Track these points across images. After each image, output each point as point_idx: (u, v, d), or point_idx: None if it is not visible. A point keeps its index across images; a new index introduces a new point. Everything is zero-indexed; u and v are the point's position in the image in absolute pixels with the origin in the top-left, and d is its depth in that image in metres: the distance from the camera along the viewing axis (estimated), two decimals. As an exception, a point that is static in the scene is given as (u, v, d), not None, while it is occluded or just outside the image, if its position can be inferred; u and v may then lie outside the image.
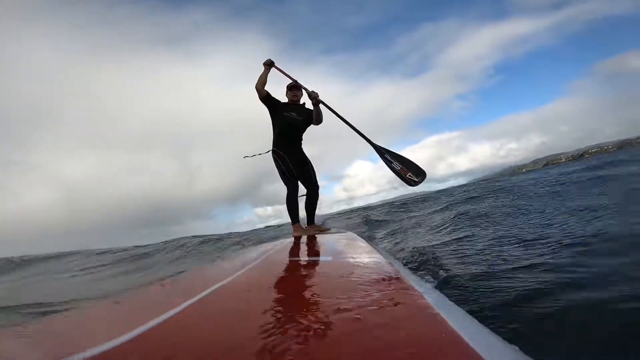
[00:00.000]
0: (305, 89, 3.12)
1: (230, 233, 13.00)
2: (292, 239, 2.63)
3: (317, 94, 3.03)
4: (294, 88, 3.19)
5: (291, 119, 3.11)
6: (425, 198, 10.93)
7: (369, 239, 4.04)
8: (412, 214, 7.59)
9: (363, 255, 1.54)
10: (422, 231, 4.96)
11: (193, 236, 13.00)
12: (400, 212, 8.90)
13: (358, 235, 2.79)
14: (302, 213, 3.22)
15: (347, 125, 3.12)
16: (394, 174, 2.94)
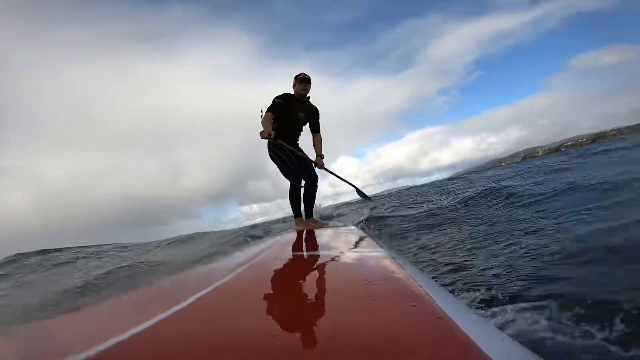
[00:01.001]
0: (316, 162, 3.24)
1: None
2: (295, 233, 2.65)
3: (323, 163, 3.23)
4: (304, 81, 3.15)
5: (300, 119, 3.18)
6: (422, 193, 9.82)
7: (368, 231, 4.00)
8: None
9: (365, 250, 1.56)
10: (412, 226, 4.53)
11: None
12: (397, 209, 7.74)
13: (356, 227, 2.88)
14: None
15: (339, 179, 3.46)
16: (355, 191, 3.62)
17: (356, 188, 3.53)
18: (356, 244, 1.78)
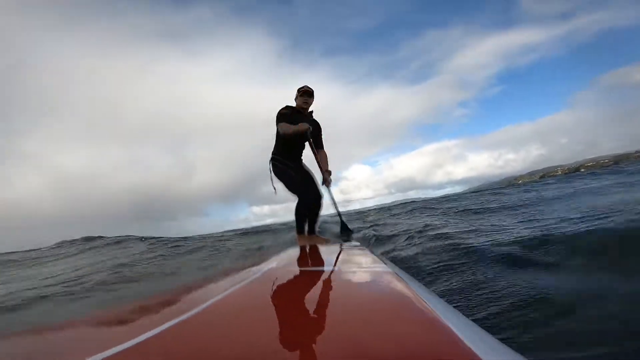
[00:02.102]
0: (324, 179, 3.15)
1: (198, 236, 12.83)
2: (298, 249, 2.65)
3: (331, 180, 3.14)
4: (306, 94, 3.09)
5: (305, 132, 3.00)
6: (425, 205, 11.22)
7: (372, 247, 4.13)
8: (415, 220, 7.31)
9: (368, 266, 1.54)
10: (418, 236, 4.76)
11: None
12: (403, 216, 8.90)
13: (360, 243, 2.84)
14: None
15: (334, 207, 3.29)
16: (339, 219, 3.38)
17: (341, 218, 3.35)
18: (359, 260, 1.77)
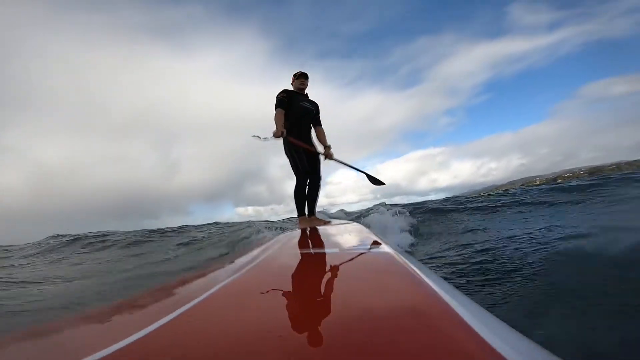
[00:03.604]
0: (326, 154, 3.28)
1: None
2: (299, 231, 2.57)
3: (332, 154, 3.27)
4: (302, 76, 3.27)
5: (305, 108, 3.22)
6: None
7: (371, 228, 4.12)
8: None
9: (370, 247, 1.55)
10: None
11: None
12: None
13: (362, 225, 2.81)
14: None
15: (350, 168, 3.38)
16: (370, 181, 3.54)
17: (367, 175, 3.44)
18: (361, 241, 1.78)
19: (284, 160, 3.21)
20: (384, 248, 1.42)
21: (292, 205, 3.27)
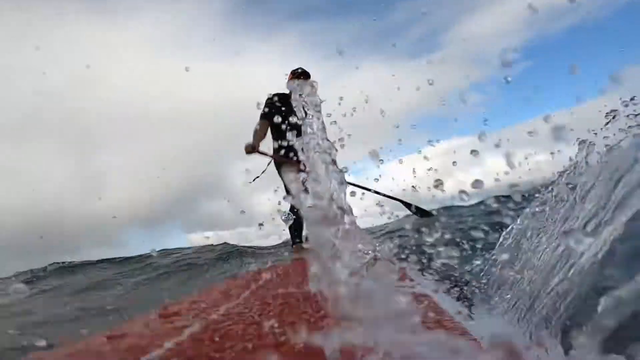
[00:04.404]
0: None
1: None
2: (294, 261, 2.48)
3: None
4: (303, 76, 2.78)
5: (298, 124, 2.51)
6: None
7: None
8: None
9: (387, 282, 0.99)
10: None
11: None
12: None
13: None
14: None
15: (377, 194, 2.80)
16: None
17: (405, 203, 2.79)
18: (375, 275, 1.42)
19: (250, 164, 2.77)
20: (410, 285, 1.17)
21: (267, 228, 2.67)
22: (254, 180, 2.65)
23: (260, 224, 2.29)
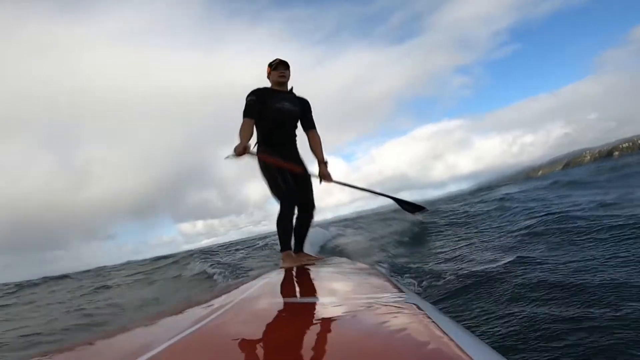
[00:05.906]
0: (320, 174, 2.53)
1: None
2: (282, 272, 2.09)
3: (329, 173, 2.52)
4: (281, 66, 2.47)
5: (285, 111, 2.47)
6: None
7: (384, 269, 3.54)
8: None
9: (379, 295, 1.18)
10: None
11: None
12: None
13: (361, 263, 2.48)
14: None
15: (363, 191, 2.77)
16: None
17: (397, 200, 2.69)
18: (367, 287, 1.44)
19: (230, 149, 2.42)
20: (400, 296, 1.05)
21: (257, 214, 2.74)
22: (226, 157, 2.32)
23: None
